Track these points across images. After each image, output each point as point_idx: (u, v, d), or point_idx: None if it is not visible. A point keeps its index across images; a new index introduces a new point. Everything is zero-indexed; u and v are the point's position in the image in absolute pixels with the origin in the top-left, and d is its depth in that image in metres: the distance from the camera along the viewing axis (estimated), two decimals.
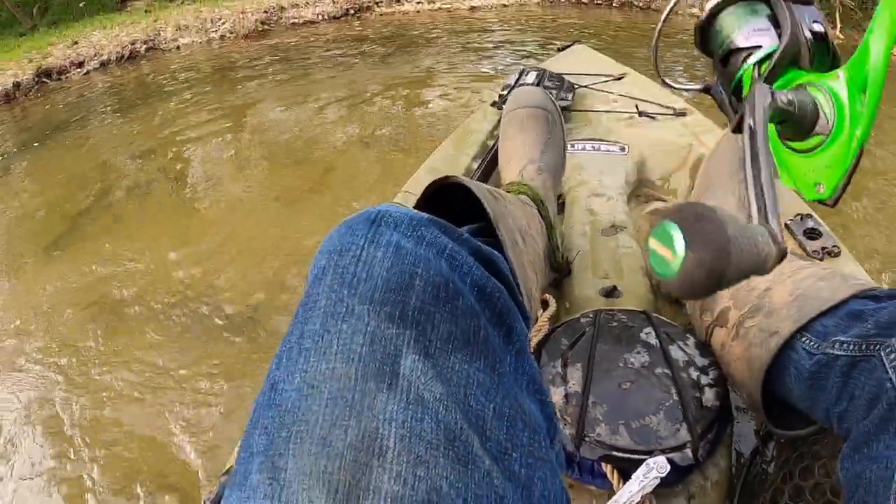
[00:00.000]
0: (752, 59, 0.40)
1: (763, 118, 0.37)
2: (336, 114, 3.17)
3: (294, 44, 5.13)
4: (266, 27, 5.69)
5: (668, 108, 1.54)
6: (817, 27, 0.39)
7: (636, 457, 0.59)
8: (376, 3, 6.68)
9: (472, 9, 7.33)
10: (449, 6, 7.24)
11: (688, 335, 0.72)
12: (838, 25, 12.33)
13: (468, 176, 1.24)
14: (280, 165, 2.65)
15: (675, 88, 0.65)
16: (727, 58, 0.43)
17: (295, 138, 2.92)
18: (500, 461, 0.33)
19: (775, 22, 0.41)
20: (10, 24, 7.40)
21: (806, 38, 0.39)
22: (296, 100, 3.47)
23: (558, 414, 0.64)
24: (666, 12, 0.44)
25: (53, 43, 5.66)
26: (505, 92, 1.58)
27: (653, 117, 1.52)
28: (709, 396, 0.63)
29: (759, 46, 0.39)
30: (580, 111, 1.58)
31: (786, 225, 1.09)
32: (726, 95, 0.44)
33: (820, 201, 0.41)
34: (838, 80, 0.37)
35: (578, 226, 1.08)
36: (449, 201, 0.60)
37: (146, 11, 6.84)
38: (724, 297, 0.72)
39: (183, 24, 5.63)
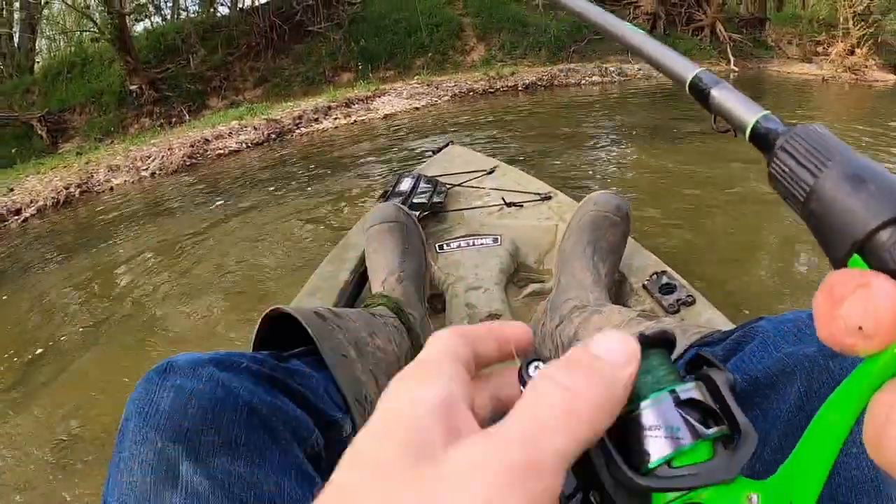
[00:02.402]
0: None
1: None
2: (269, 238, 3.38)
3: (221, 174, 5.41)
4: (193, 161, 6.00)
5: (534, 194, 1.66)
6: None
7: None
8: (296, 126, 7.13)
9: (387, 116, 7.79)
10: (364, 118, 7.68)
11: None
12: (731, 59, 13.14)
13: (344, 290, 1.29)
14: (222, 295, 2.78)
15: None
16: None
17: (234, 267, 3.08)
18: None
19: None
20: None
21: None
22: (229, 228, 3.68)
23: None
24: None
25: None
26: (381, 202, 1.61)
27: (520, 205, 1.62)
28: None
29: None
30: (454, 211, 1.66)
31: (643, 285, 1.19)
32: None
33: None
34: None
35: (458, 320, 1.14)
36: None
37: (77, 153, 7.14)
38: None
39: (114, 164, 5.93)
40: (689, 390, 0.25)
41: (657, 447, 0.24)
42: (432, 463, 0.19)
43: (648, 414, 0.24)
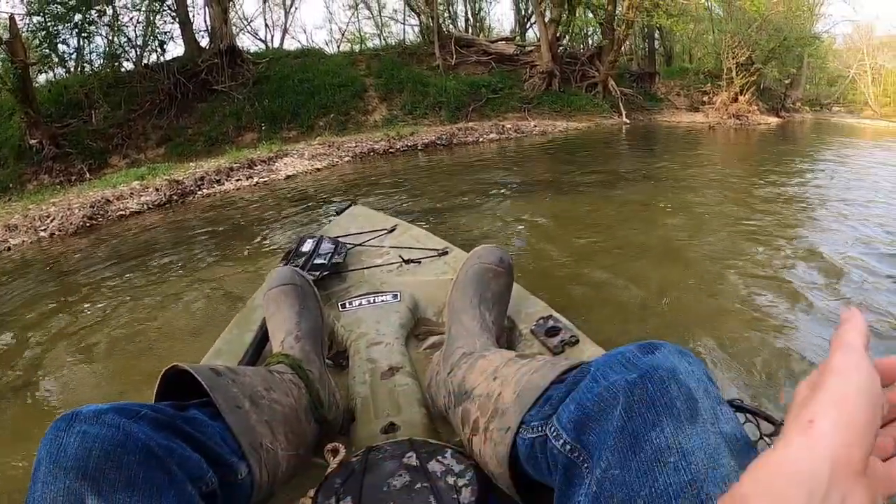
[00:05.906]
0: None
1: None
2: (171, 301, 3.46)
3: (122, 236, 5.47)
4: (93, 222, 6.06)
5: (432, 250, 1.73)
6: None
7: None
8: (198, 187, 7.35)
9: (289, 178, 8.15)
10: (266, 179, 8.01)
11: (446, 449, 0.83)
12: (623, 112, 14.27)
13: (247, 351, 1.30)
14: (123, 357, 2.81)
15: None
16: None
17: (135, 329, 3.11)
18: None
19: None
20: None
21: None
22: (129, 291, 3.74)
23: None
24: None
25: None
26: (282, 264, 1.68)
27: (418, 262, 1.68)
28: (465, 495, 0.73)
29: None
30: (355, 270, 1.70)
31: (531, 330, 1.24)
32: None
33: None
34: None
35: (360, 375, 1.16)
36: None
37: None
38: (474, 410, 0.82)
39: (11, 223, 5.91)
40: None
41: None
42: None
43: None
